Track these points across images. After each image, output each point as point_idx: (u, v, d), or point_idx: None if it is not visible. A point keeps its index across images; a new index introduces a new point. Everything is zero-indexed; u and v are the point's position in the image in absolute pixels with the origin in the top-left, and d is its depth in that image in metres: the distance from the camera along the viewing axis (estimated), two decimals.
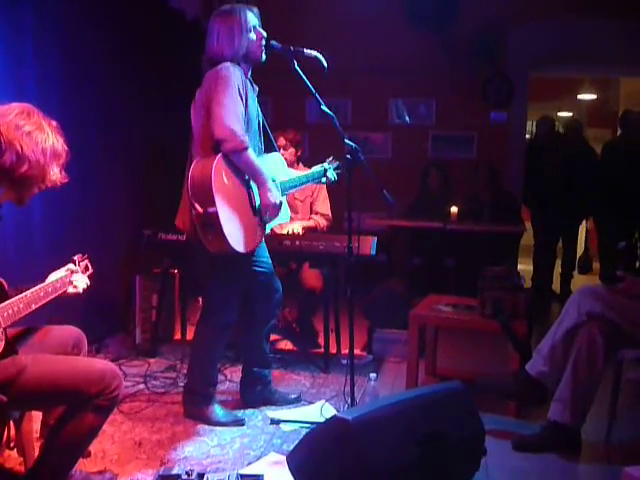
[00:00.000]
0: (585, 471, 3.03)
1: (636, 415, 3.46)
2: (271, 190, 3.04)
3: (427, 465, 2.29)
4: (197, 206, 2.86)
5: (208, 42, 3.08)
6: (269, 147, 3.35)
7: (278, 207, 3.08)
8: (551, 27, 6.41)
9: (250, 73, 3.15)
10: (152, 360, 4.18)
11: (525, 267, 6.70)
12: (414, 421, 2.34)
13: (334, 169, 3.53)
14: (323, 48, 3.09)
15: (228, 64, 2.97)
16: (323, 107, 3.00)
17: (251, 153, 2.95)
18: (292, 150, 4.53)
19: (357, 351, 4.27)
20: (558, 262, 6.85)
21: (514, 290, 3.60)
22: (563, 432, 3.05)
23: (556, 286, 6.82)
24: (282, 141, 4.48)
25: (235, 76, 2.94)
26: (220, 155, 2.90)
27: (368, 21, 6.27)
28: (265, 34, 3.12)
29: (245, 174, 3.01)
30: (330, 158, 3.58)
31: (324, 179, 3.50)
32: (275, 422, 3.26)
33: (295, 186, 3.35)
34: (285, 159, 4.32)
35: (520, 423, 3.39)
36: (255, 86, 3.18)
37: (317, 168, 3.53)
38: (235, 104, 2.89)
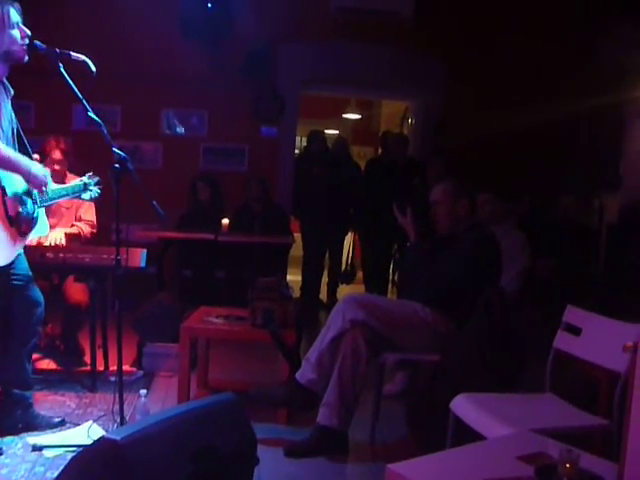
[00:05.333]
0: (353, 471, 3.18)
1: (397, 414, 3.70)
2: (37, 174, 2.93)
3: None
4: None
5: None
6: (25, 155, 3.13)
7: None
8: (321, 49, 6.75)
9: (6, 75, 2.93)
10: None
11: (294, 277, 6.91)
12: (186, 436, 2.31)
13: (94, 184, 3.43)
14: (93, 53, 2.97)
15: None
16: (90, 114, 2.88)
17: (1, 146, 2.74)
18: (65, 165, 4.32)
19: (126, 367, 4.14)
20: (325, 272, 7.16)
21: (283, 300, 3.70)
22: (331, 435, 3.18)
23: (323, 295, 7.12)
24: (57, 155, 4.27)
25: None
26: None
27: (141, 28, 6.13)
28: (29, 33, 2.92)
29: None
30: (90, 173, 3.46)
31: (85, 194, 3.38)
32: (37, 448, 3.04)
33: (54, 199, 3.18)
34: (56, 170, 4.08)
35: (291, 430, 3.48)
36: (10, 89, 2.97)
37: (77, 182, 3.42)
38: None
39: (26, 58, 2.93)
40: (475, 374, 3.08)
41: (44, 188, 3.03)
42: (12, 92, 2.99)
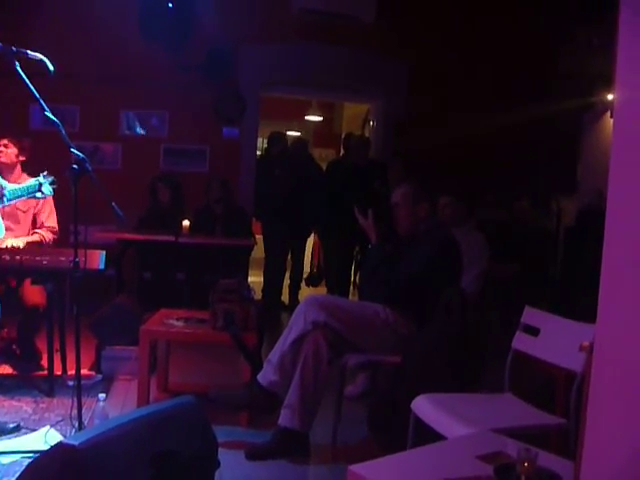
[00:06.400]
0: (314, 472, 3.19)
1: (358, 415, 3.71)
2: None
3: None
4: None
5: None
6: None
7: None
8: (283, 51, 6.74)
9: None
10: None
11: (256, 279, 6.88)
12: (145, 441, 2.28)
13: (49, 184, 3.38)
14: (51, 52, 2.92)
15: None
16: (48, 113, 2.84)
17: None
18: (14, 151, 4.19)
19: (85, 371, 4.08)
20: (287, 274, 7.15)
21: (245, 302, 3.69)
22: (293, 437, 3.17)
23: (285, 297, 7.10)
24: (4, 141, 4.16)
25: None
26: None
27: (101, 28, 6.03)
28: None
29: None
30: (45, 172, 3.42)
31: (39, 194, 3.33)
32: None
33: (9, 200, 3.12)
34: (2, 161, 3.97)
35: (252, 432, 3.47)
36: None
37: (31, 182, 3.37)
38: None
39: None
40: (436, 375, 3.11)
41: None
42: None
